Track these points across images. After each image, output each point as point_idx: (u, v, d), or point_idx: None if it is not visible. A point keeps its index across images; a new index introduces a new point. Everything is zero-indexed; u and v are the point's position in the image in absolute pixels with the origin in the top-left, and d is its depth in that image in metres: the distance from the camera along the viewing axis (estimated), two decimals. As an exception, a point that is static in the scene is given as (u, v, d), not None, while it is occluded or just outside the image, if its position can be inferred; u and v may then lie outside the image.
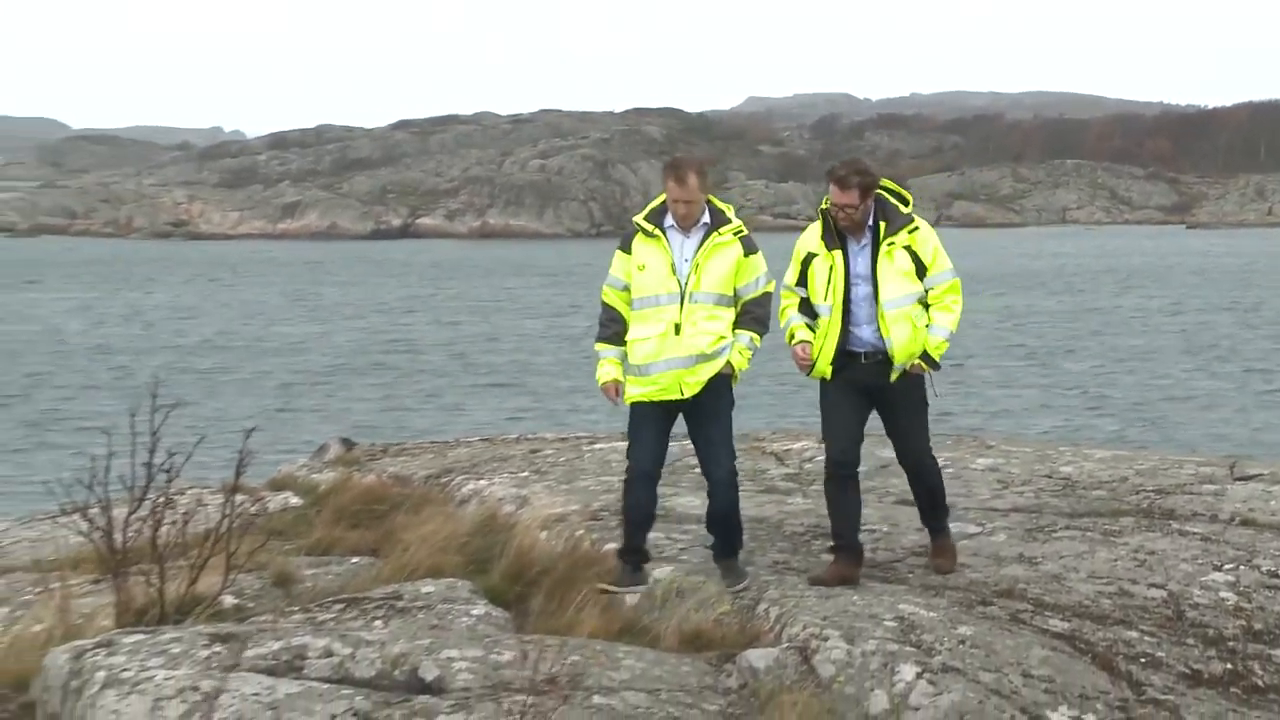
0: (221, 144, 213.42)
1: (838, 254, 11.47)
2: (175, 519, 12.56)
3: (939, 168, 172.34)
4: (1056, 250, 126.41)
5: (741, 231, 11.45)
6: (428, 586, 12.06)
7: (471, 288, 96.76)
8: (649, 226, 11.42)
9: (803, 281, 11.66)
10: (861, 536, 13.32)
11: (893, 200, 11.58)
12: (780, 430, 18.14)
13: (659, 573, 12.26)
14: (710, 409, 11.54)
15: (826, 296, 11.49)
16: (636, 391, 11.52)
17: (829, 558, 12.23)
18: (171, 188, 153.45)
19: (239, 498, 13.38)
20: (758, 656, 11.09)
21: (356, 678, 10.58)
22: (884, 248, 11.43)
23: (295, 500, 15.69)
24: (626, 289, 11.57)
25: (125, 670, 10.39)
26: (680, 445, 16.87)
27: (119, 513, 12.42)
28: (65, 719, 10.39)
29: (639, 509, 11.74)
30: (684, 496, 14.58)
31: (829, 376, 11.68)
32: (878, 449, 16.23)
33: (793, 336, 11.72)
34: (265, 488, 16.12)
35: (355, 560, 13.66)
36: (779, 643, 11.25)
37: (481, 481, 15.26)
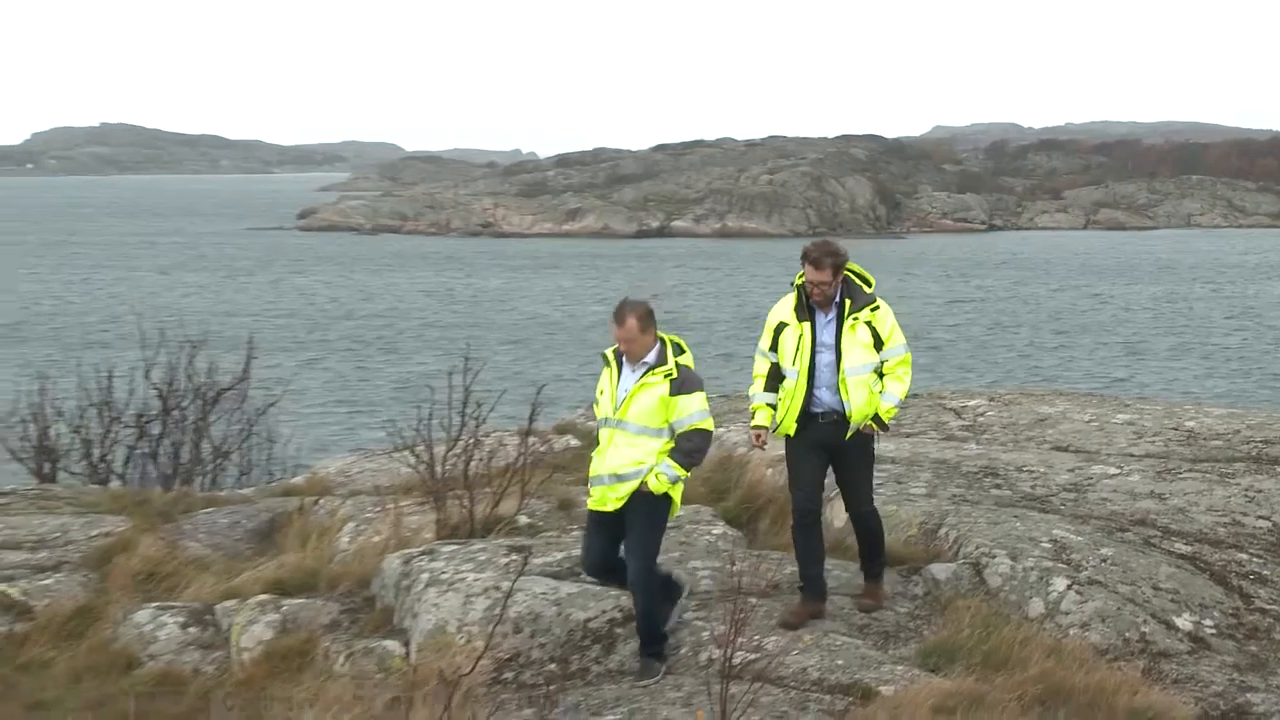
0: (520, 162, 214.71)
1: (806, 325, 10.47)
2: (482, 456, 12.75)
3: (1088, 182, 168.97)
4: (1189, 248, 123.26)
5: (673, 374, 9.98)
6: (678, 511, 12.07)
7: (725, 275, 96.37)
8: (610, 359, 10.24)
9: (774, 347, 10.63)
10: (1020, 476, 13.16)
11: (858, 281, 10.55)
12: (960, 389, 17.86)
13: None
14: (632, 522, 10.04)
15: (794, 362, 10.48)
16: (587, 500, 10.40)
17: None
18: (481, 196, 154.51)
19: (532, 440, 13.50)
20: (939, 570, 11.00)
21: (621, 581, 10.65)
22: (849, 321, 10.41)
23: (575, 442, 15.77)
24: None
25: (443, 573, 10.55)
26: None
27: (439, 450, 12.63)
28: (397, 610, 10.56)
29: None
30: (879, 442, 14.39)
31: (793, 434, 10.59)
32: (1038, 405, 15.98)
33: (753, 415, 10.73)
34: (552, 432, 16.22)
35: (621, 489, 13.67)
36: (956, 559, 11.15)
37: (721, 428, 15.17)
